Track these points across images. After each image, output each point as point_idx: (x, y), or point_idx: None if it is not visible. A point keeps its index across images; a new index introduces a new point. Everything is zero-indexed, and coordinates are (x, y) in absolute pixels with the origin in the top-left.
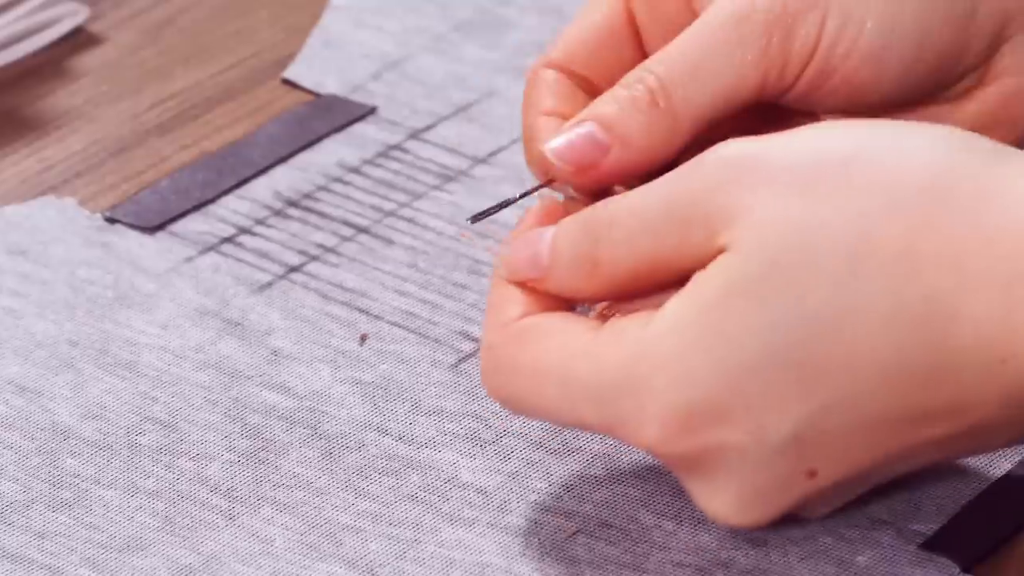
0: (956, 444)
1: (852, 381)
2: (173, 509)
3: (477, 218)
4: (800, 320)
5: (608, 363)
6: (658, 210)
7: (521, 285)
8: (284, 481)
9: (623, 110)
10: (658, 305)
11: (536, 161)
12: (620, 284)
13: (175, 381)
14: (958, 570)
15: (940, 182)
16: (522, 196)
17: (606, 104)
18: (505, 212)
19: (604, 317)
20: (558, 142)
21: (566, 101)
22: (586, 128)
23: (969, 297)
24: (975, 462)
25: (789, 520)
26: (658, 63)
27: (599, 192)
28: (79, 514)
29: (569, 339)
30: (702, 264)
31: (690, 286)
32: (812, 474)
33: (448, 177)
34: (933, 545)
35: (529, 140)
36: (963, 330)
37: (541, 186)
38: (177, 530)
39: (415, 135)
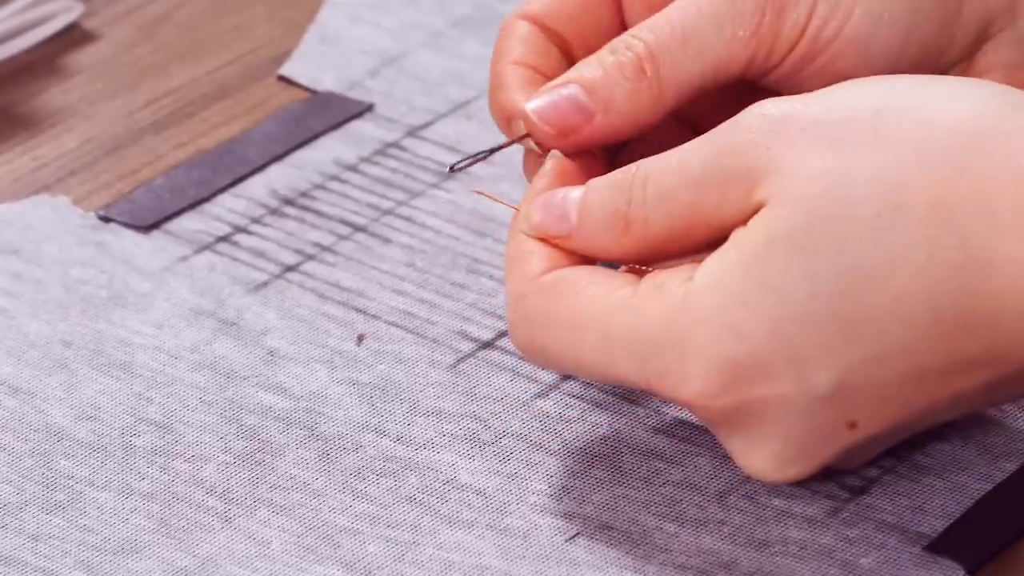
0: (997, 391)
1: (894, 330)
2: (168, 511)
3: (455, 167)
4: (841, 271)
5: (650, 318)
6: (700, 166)
7: (543, 241)
8: (280, 483)
9: (609, 75)
10: (686, 263)
11: (500, 111)
12: (651, 244)
13: (170, 382)
14: (963, 572)
15: (968, 129)
16: (501, 147)
17: (591, 68)
18: (505, 211)
19: (635, 272)
20: (540, 103)
21: (538, 55)
22: (569, 91)
23: (1002, 240)
24: (979, 465)
25: (797, 521)
26: (648, 31)
27: (574, 155)
28: (73, 516)
29: (606, 292)
30: (741, 220)
31: (730, 242)
32: (853, 425)
33: (446, 175)
34: (938, 547)
35: (496, 88)
36: (999, 273)
37: (518, 139)
38: (172, 532)
39: (413, 132)
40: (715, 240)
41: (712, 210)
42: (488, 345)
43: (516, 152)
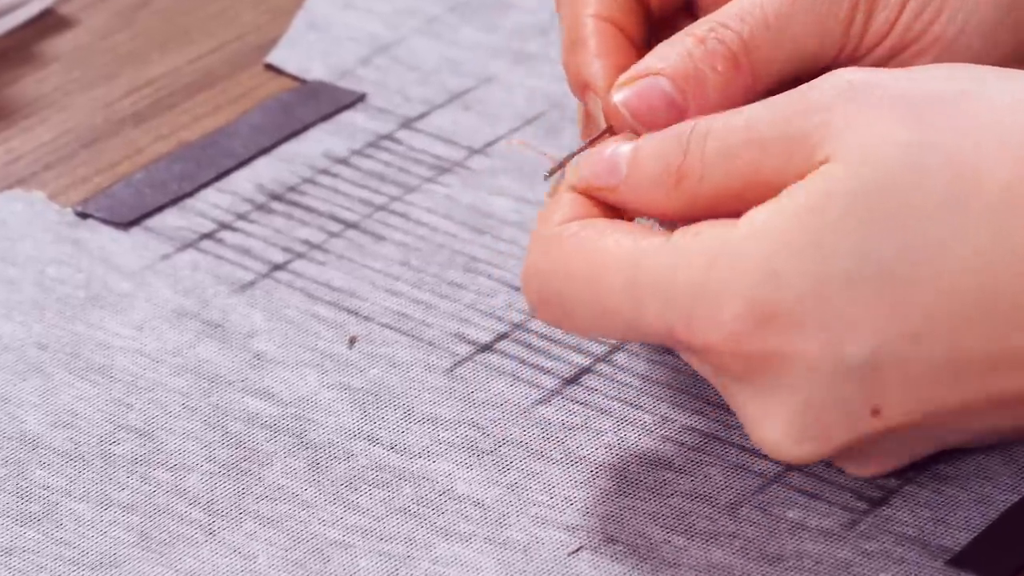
0: None
1: (941, 309)
2: (149, 523)
3: (550, 174)
4: (899, 238)
5: (686, 260)
6: (768, 125)
7: (589, 196)
8: (268, 493)
9: (699, 67)
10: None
11: (577, 75)
12: (702, 202)
13: (151, 387)
14: None
15: None
16: (593, 142)
17: (680, 58)
18: (504, 207)
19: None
20: (628, 95)
21: (618, 9)
22: (659, 83)
23: None
24: (1005, 476)
25: (813, 534)
26: (739, 20)
27: None
28: (49, 529)
29: (636, 238)
30: (802, 176)
31: (784, 193)
32: (876, 412)
33: (442, 169)
34: (961, 562)
35: (574, 44)
36: None
37: (598, 137)
38: (153, 546)
39: (407, 124)
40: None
41: (772, 172)
42: (487, 348)
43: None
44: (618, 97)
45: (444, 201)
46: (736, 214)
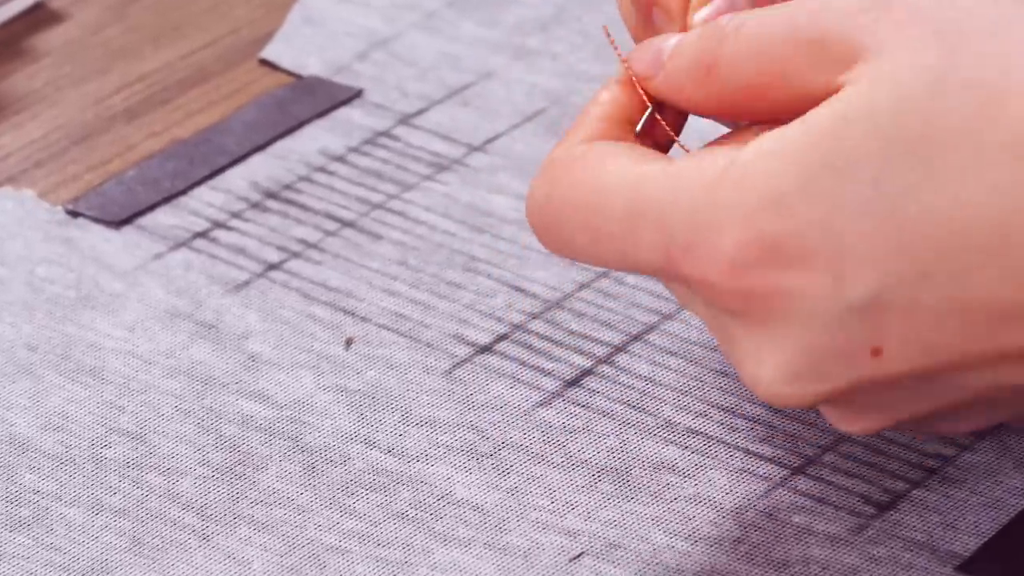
0: None
1: (956, 248)
2: (141, 528)
3: (641, 130)
4: (916, 169)
5: (687, 183)
6: (799, 21)
7: (627, 90)
8: (262, 498)
9: None
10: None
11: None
12: (731, 94)
13: (143, 389)
14: None
15: None
16: None
17: None
18: (504, 205)
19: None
20: (711, 13)
21: None
22: (738, 4)
23: None
24: (1015, 480)
25: (819, 539)
26: None
27: None
28: (38, 534)
29: (639, 161)
30: (823, 97)
31: (800, 118)
32: (877, 352)
33: (441, 166)
34: (971, 567)
35: None
36: None
37: None
38: (146, 551)
39: (405, 120)
40: (793, 109)
41: (799, 72)
42: (486, 350)
43: (515, 143)
44: (700, 16)
45: (442, 199)
46: (765, 112)
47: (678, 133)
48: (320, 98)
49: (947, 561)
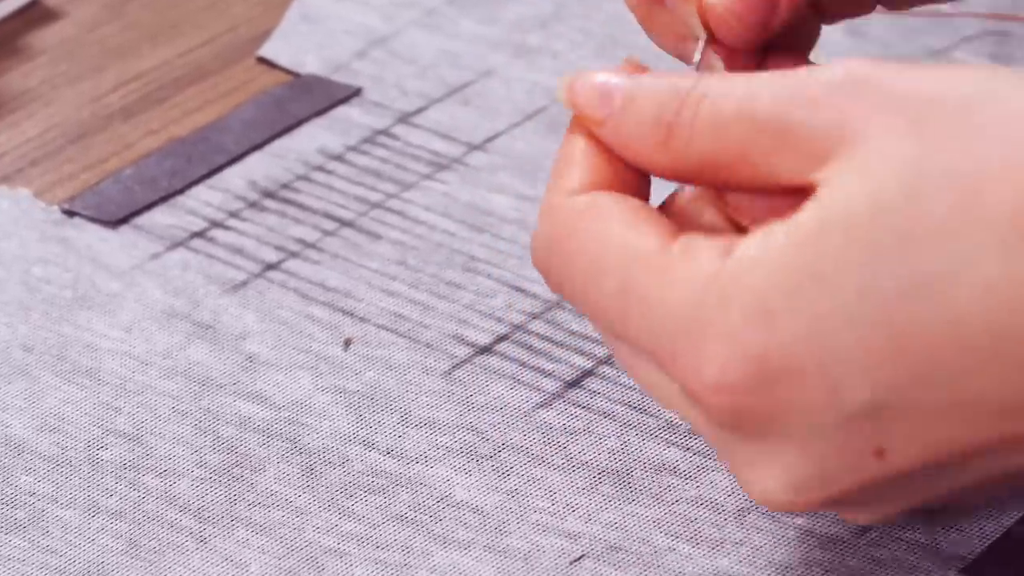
0: None
1: (949, 350)
2: (138, 531)
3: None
4: (901, 273)
5: (673, 285)
6: (765, 105)
7: (590, 142)
8: (260, 500)
9: None
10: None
11: None
12: (688, 167)
13: (140, 390)
14: None
15: None
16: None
17: None
18: (504, 204)
19: (674, 217)
20: None
21: None
22: None
23: None
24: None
25: (822, 541)
26: None
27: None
28: (34, 536)
29: (635, 237)
30: (789, 185)
31: (778, 223)
32: (880, 454)
33: (440, 165)
34: (974, 570)
35: None
36: None
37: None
38: (142, 554)
39: (404, 119)
40: (755, 187)
41: (762, 156)
42: (486, 350)
43: (515, 141)
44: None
45: (442, 198)
46: (726, 186)
47: (731, 66)
48: (318, 96)
49: (950, 564)
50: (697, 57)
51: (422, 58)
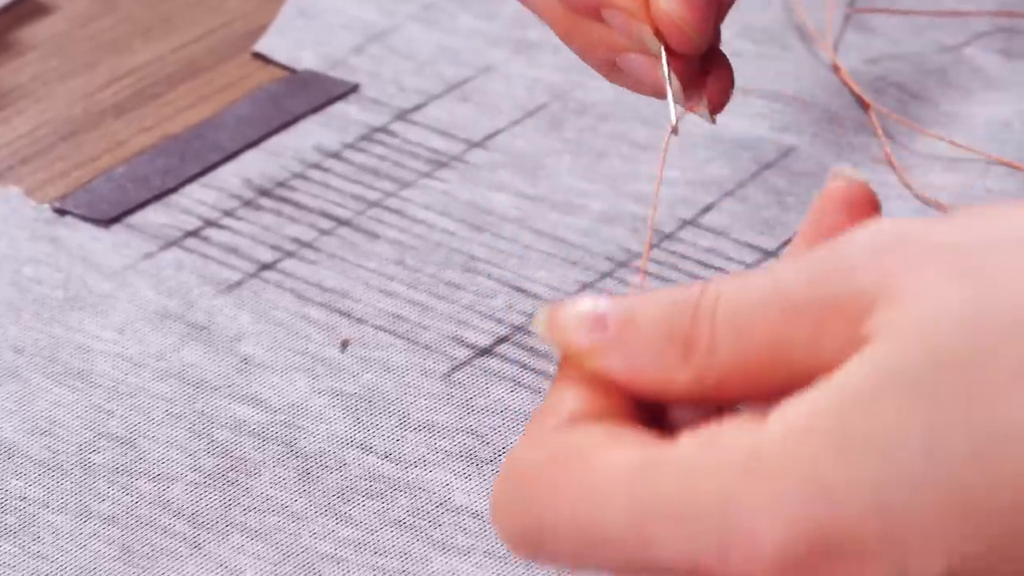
0: None
1: None
2: (131, 536)
3: (677, 126)
4: (972, 430)
5: (705, 474)
6: (791, 290)
7: (587, 382)
8: (256, 505)
9: None
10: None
11: None
12: (710, 380)
13: (133, 392)
14: None
15: None
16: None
17: None
18: (504, 203)
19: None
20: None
21: None
22: None
23: None
24: None
25: None
26: None
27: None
28: (25, 542)
29: (639, 449)
30: (839, 361)
31: (821, 384)
32: None
33: (439, 163)
34: None
35: None
36: None
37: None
38: (135, 560)
39: (402, 116)
40: (791, 381)
41: (802, 349)
42: (486, 352)
43: (515, 139)
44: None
45: (441, 197)
46: (754, 390)
47: (683, 77)
48: (315, 93)
49: None
50: (666, 70)
51: (420, 54)
